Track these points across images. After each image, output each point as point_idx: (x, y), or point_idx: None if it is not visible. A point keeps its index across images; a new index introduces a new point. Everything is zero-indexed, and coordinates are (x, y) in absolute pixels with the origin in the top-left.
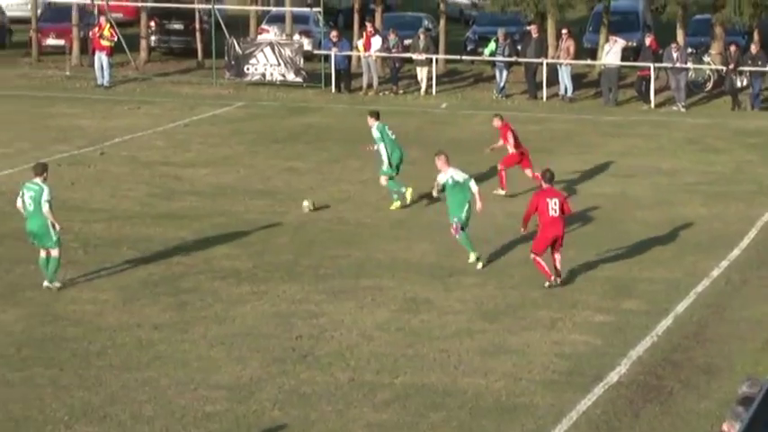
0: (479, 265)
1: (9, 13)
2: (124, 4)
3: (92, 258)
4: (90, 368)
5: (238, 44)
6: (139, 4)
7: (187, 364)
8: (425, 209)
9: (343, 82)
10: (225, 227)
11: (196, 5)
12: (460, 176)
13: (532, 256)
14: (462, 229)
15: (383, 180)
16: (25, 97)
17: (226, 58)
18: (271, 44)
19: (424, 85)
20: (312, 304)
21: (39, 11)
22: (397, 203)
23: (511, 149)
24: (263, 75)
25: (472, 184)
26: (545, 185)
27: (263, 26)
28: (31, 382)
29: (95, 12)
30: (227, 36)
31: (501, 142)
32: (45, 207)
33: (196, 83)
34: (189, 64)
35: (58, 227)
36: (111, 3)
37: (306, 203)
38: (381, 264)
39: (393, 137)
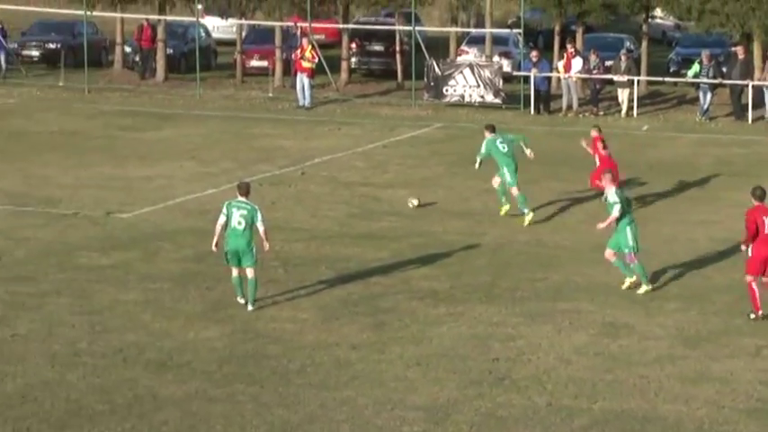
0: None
1: (215, 36)
2: (326, 26)
3: (291, 277)
4: (289, 386)
5: (438, 65)
6: (341, 26)
7: (384, 384)
8: None
9: (542, 103)
10: (423, 247)
11: (397, 27)
12: (612, 198)
13: (748, 279)
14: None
15: (514, 190)
16: (229, 118)
17: (425, 79)
18: (470, 65)
19: (624, 107)
20: (509, 327)
21: (243, 33)
22: (506, 207)
23: (597, 161)
24: (462, 96)
25: (616, 209)
26: (755, 203)
27: (463, 47)
28: (232, 399)
29: (298, 34)
30: (427, 57)
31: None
32: (262, 228)
33: (395, 104)
34: (389, 85)
35: (267, 247)
36: (313, 25)
37: (412, 200)
38: (580, 287)
39: (505, 150)
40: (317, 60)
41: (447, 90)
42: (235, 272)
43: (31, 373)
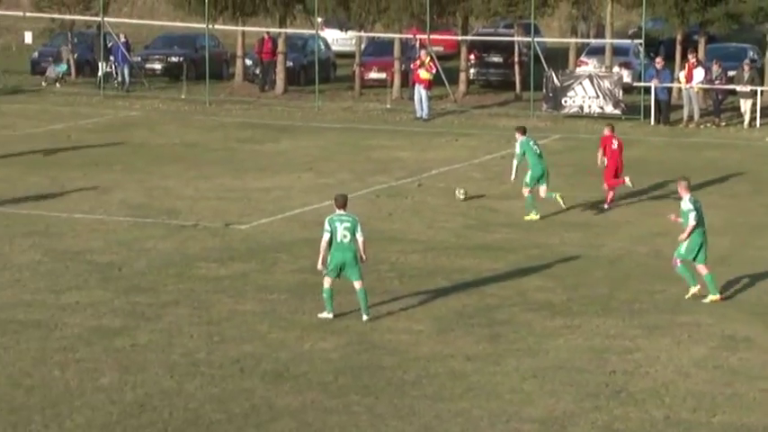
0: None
1: (334, 48)
2: (445, 37)
3: (407, 288)
4: (404, 397)
5: (557, 76)
6: (460, 38)
7: (500, 396)
8: (749, 245)
9: (662, 114)
10: (539, 259)
11: (516, 38)
12: (685, 206)
13: None
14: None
15: (525, 191)
16: (347, 129)
17: (543, 90)
18: (590, 76)
19: (747, 118)
20: (627, 339)
21: (362, 45)
22: (532, 215)
23: (602, 160)
24: (581, 107)
25: (691, 216)
26: None
27: (582, 58)
28: (347, 410)
29: (417, 45)
30: (546, 68)
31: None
32: (361, 238)
33: (513, 115)
34: (507, 96)
35: (364, 258)
36: (432, 37)
37: (459, 193)
38: (699, 300)
39: (538, 152)
40: (434, 72)
41: (566, 101)
42: (328, 283)
43: (150, 382)
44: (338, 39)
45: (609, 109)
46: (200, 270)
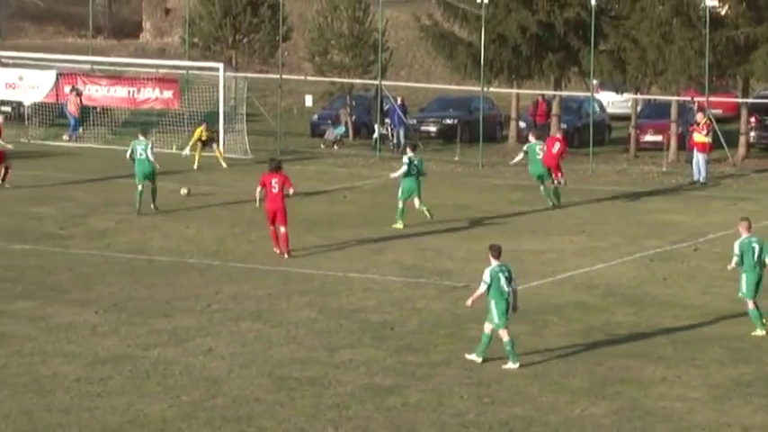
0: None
1: (609, 111)
2: (724, 100)
3: (681, 355)
4: None
5: None
6: (740, 101)
7: None
8: None
9: None
10: None
11: None
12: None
13: None
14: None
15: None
16: (621, 192)
17: None
18: None
19: None
20: None
21: (638, 108)
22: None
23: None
24: None
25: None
26: None
27: None
28: None
29: (694, 108)
30: None
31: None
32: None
33: None
34: None
35: (518, 307)
36: (710, 99)
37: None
38: None
39: (539, 156)
40: (709, 133)
41: None
42: (489, 328)
43: None
44: (613, 101)
45: None
46: (470, 331)
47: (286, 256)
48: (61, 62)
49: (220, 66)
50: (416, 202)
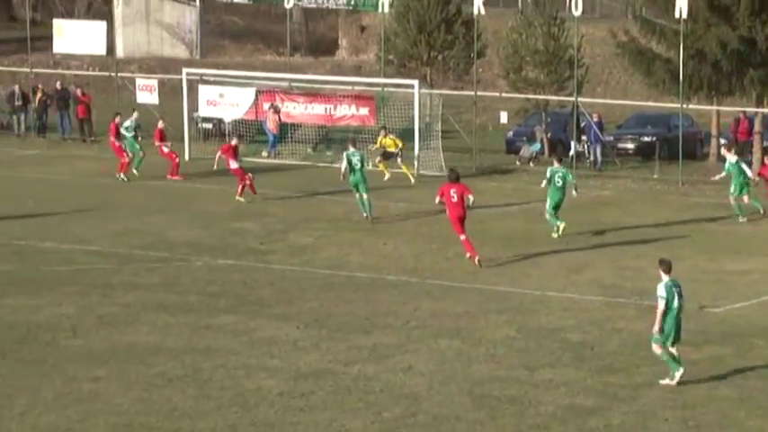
0: None
1: None
2: None
3: None
4: None
5: None
6: None
7: None
8: None
9: None
10: None
11: None
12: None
13: None
14: None
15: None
16: None
17: None
18: None
19: None
20: None
21: None
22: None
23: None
24: None
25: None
26: None
27: None
28: None
29: None
30: None
31: None
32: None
33: None
34: None
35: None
36: None
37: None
38: None
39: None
40: None
41: None
42: (659, 349)
43: None
44: None
45: None
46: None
47: (477, 259)
48: (260, 79)
49: (415, 82)
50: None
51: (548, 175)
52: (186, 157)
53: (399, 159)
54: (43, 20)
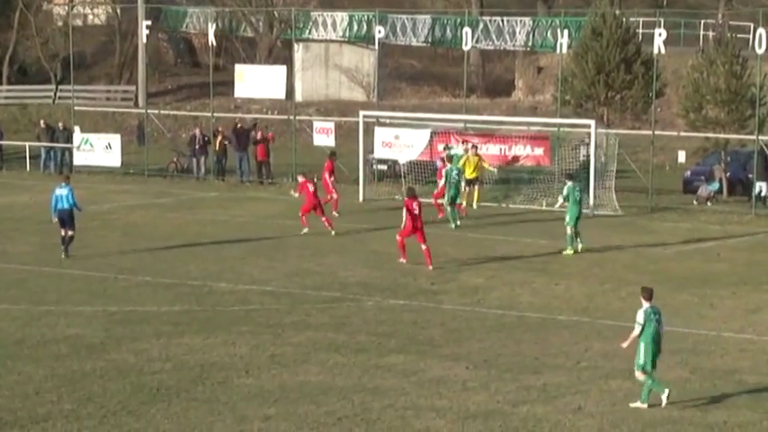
0: None
1: None
2: None
3: None
4: None
5: None
6: None
7: None
8: None
9: None
10: None
11: None
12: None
13: None
14: None
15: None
16: None
17: None
18: None
19: None
20: None
21: None
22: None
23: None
24: None
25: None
26: None
27: None
28: None
29: None
30: None
31: None
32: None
33: None
34: None
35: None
36: None
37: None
38: None
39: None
40: None
41: None
42: (642, 377)
43: None
44: None
45: None
46: None
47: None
48: (435, 121)
49: (592, 122)
50: None
51: (564, 192)
52: (360, 198)
53: (477, 186)
54: (225, 65)
